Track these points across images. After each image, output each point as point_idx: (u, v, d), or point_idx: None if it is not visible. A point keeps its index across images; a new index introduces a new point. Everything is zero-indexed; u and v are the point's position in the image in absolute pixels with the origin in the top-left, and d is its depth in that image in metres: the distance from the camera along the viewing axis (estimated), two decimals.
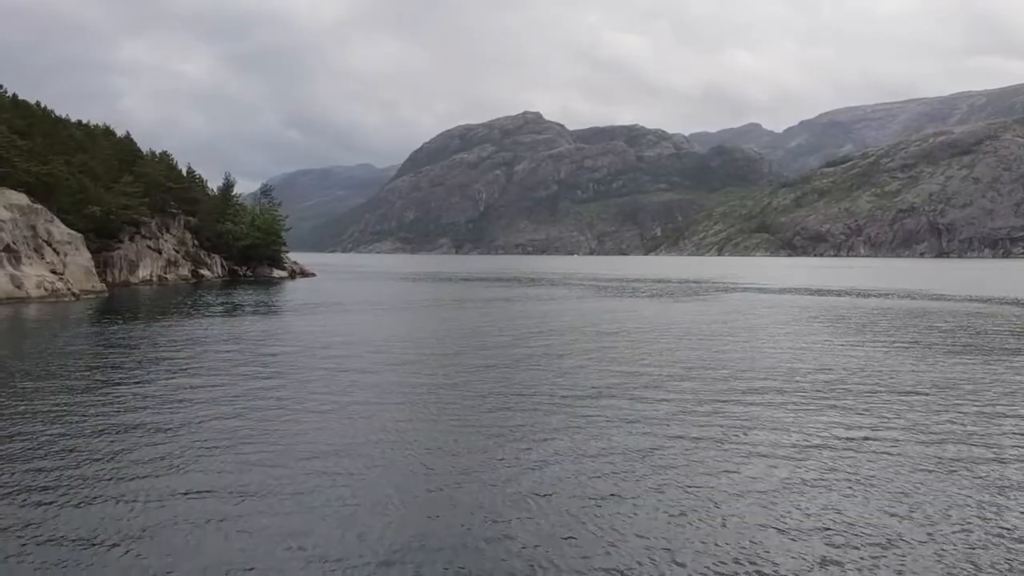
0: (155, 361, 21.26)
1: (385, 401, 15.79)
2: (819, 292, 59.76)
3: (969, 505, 9.67)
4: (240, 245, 77.44)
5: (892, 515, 9.28)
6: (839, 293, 58.32)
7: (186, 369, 19.77)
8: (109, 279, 56.93)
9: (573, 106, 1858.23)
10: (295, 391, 16.69)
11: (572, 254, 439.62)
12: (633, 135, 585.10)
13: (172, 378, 18.36)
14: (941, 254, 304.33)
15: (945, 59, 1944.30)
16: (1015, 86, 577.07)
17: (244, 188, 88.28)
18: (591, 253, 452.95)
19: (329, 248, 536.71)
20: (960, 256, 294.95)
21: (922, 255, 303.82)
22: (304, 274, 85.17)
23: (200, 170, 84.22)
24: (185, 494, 9.81)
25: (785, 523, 9.02)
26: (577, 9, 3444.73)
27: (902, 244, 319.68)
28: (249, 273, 77.68)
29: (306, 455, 11.57)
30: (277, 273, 78.63)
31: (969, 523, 9.09)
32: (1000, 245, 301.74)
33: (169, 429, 13.17)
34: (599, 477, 10.65)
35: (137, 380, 18.10)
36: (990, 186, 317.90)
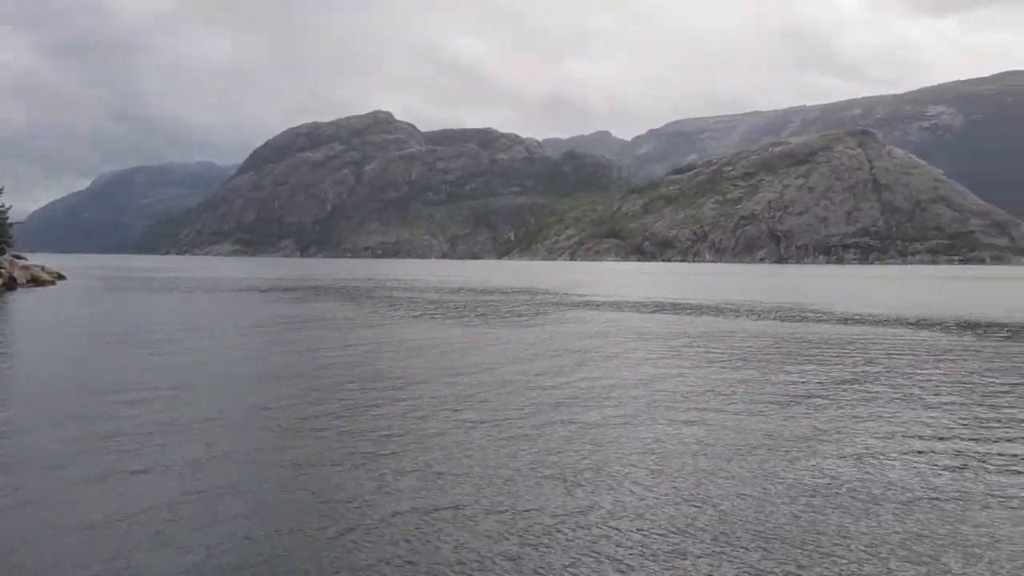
0: None
1: None
2: (682, 309, 48.80)
3: None
4: None
5: None
6: (710, 310, 47.50)
7: None
8: None
9: (421, 108, 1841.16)
10: None
11: (424, 258, 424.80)
12: (486, 138, 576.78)
13: None
14: (780, 260, 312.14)
15: (774, 75, 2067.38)
16: (845, 101, 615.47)
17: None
18: (443, 257, 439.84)
19: (163, 250, 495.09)
20: (797, 262, 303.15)
21: (762, 260, 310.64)
22: (37, 281, 66.41)
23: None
24: None
25: None
26: (417, 10, 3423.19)
27: (744, 250, 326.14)
28: None
29: None
30: None
31: None
32: (833, 252, 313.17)
33: None
34: None
35: None
36: (823, 195, 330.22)
